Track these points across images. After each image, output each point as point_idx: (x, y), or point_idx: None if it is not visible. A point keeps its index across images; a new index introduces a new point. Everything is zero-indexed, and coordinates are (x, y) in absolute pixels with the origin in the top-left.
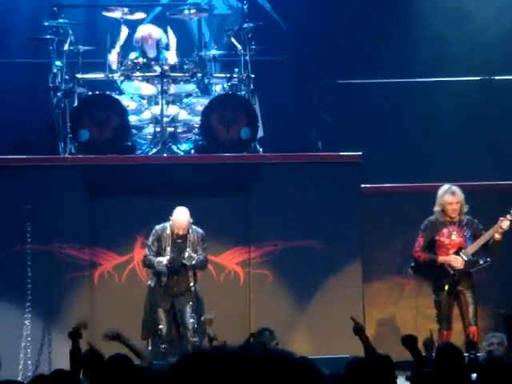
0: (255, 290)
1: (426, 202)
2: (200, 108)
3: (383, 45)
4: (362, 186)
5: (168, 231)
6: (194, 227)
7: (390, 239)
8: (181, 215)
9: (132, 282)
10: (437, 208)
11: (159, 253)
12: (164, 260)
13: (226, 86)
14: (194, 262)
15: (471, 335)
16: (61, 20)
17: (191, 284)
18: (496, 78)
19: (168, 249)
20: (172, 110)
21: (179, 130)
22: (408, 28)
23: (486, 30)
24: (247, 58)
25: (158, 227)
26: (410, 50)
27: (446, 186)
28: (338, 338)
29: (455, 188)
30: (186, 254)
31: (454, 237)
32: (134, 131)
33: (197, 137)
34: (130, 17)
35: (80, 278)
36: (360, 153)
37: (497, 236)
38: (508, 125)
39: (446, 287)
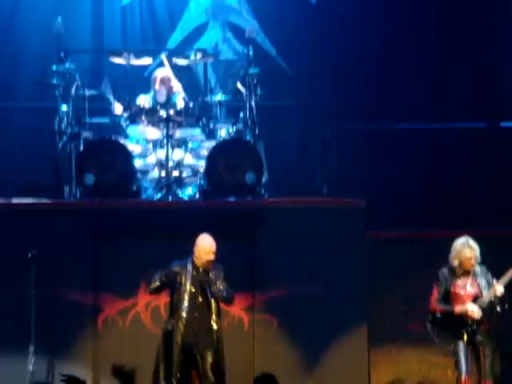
0: (259, 335)
1: (432, 249)
2: (205, 152)
3: (389, 90)
4: (368, 231)
5: (189, 267)
6: (215, 264)
7: (396, 286)
8: (209, 239)
9: (136, 328)
10: (453, 261)
11: (175, 290)
12: None
13: (231, 130)
14: (221, 294)
15: None
16: (68, 65)
17: (213, 321)
18: (503, 124)
19: (188, 284)
20: (177, 154)
21: (184, 175)
22: (413, 73)
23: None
24: (252, 102)
25: (176, 262)
26: (414, 96)
27: (462, 239)
28: None
29: (472, 242)
30: (214, 288)
31: (468, 288)
32: (139, 175)
33: (202, 181)
34: (136, 62)
35: (83, 323)
36: (365, 198)
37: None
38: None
39: (465, 337)
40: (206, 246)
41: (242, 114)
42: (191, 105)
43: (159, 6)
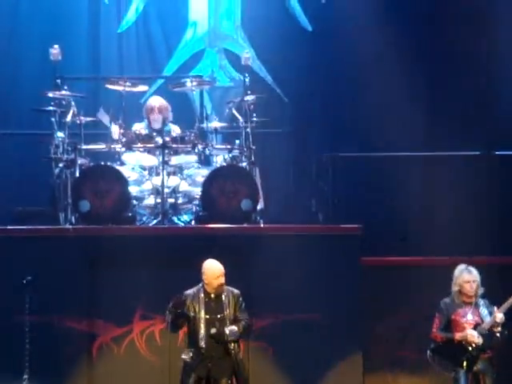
0: (255, 362)
1: (426, 276)
2: (201, 179)
3: (384, 118)
4: (363, 258)
5: (201, 294)
6: (227, 287)
7: (391, 313)
8: (216, 263)
9: (131, 355)
10: (454, 288)
11: (190, 320)
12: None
13: (226, 157)
14: (238, 334)
15: None
16: (64, 92)
17: (231, 347)
18: (496, 152)
19: (202, 312)
20: (173, 181)
21: (180, 201)
22: (408, 101)
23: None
24: (248, 129)
25: (187, 291)
26: (409, 124)
27: (462, 266)
28: None
29: (471, 267)
30: (227, 331)
31: (470, 316)
32: (134, 202)
33: (197, 208)
34: (132, 89)
35: (78, 350)
36: (360, 225)
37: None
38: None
39: (465, 364)
40: (214, 270)
41: (237, 141)
42: (187, 132)
43: (155, 33)
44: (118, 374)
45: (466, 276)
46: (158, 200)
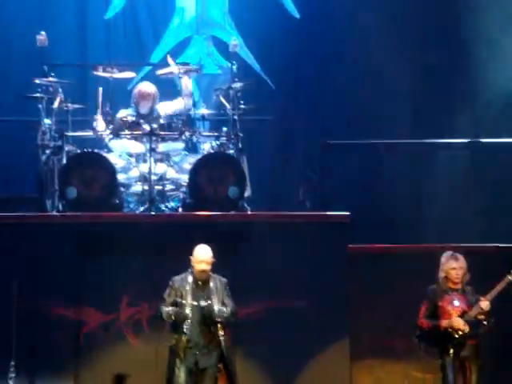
0: (242, 350)
1: (414, 263)
2: (188, 166)
3: (371, 105)
4: (350, 245)
5: (190, 279)
6: (214, 275)
7: (378, 300)
8: (203, 249)
9: (118, 342)
10: (441, 274)
11: (179, 305)
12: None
13: (214, 144)
14: (225, 315)
15: None
16: (51, 78)
17: (220, 336)
18: (483, 140)
19: (189, 298)
20: (160, 168)
21: (167, 188)
22: (398, 87)
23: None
24: (236, 117)
25: (176, 277)
26: (398, 111)
27: (448, 253)
28: None
29: (458, 254)
30: (216, 309)
31: (456, 303)
32: (121, 189)
33: (184, 195)
34: (119, 76)
35: (66, 337)
36: (348, 212)
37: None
38: (498, 186)
39: (451, 351)
40: (199, 255)
41: (225, 128)
42: (174, 119)
43: (143, 20)
44: (105, 361)
45: (453, 263)
46: (146, 187)
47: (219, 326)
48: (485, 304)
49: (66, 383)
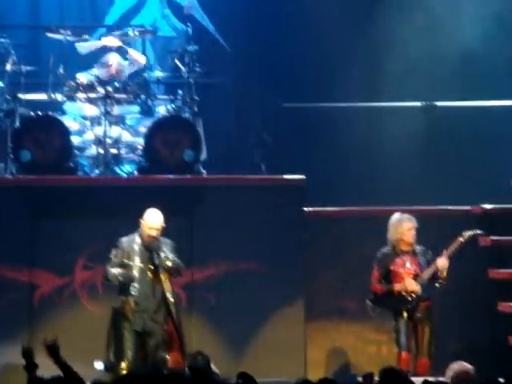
0: (197, 313)
1: (368, 226)
2: (143, 130)
3: (328, 68)
4: (305, 209)
5: (138, 240)
6: (162, 239)
7: (332, 263)
8: (154, 214)
9: (73, 305)
10: (394, 237)
11: (126, 266)
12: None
13: (169, 107)
14: (171, 260)
15: (421, 367)
16: (2, 40)
17: (169, 295)
18: (438, 103)
19: (136, 260)
20: (115, 131)
21: (122, 152)
22: (354, 52)
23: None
24: (191, 80)
25: (123, 238)
26: (355, 74)
27: (397, 215)
28: (279, 363)
29: (407, 215)
30: (162, 255)
31: (408, 265)
32: (76, 152)
33: (140, 158)
34: (73, 38)
35: (19, 300)
36: (303, 176)
37: (441, 265)
38: (450, 150)
39: (405, 313)
40: (150, 220)
41: (180, 91)
42: (129, 82)
43: None
44: (59, 325)
45: (408, 223)
46: (101, 150)
47: (166, 285)
48: (442, 262)
49: (18, 347)
